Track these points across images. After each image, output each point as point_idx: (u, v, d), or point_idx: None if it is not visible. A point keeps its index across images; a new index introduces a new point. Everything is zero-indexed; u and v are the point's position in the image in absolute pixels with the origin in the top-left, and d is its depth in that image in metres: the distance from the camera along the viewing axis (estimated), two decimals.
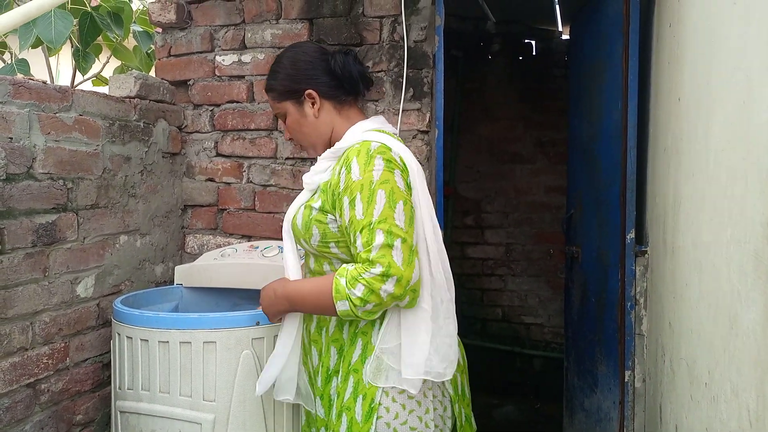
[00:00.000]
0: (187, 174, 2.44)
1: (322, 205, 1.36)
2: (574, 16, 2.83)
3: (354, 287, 1.23)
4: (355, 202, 1.28)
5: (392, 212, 1.26)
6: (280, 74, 1.46)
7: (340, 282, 1.26)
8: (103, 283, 2.01)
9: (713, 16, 1.18)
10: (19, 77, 1.86)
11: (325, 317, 1.41)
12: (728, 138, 1.04)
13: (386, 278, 1.21)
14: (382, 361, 1.31)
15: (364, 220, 1.26)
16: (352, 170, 1.30)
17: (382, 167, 1.28)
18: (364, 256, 1.24)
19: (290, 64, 1.46)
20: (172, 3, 2.40)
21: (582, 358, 2.58)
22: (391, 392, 1.31)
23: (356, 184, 1.28)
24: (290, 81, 1.45)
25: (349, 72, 1.44)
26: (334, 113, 1.45)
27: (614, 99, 2.17)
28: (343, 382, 1.35)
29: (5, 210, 1.65)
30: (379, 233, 1.23)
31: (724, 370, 1.05)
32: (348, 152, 1.35)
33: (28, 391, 1.73)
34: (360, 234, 1.26)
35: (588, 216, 2.52)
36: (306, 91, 1.43)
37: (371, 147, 1.31)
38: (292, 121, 1.47)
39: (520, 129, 3.94)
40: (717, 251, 1.10)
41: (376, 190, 1.26)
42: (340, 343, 1.39)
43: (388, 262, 1.22)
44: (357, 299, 1.23)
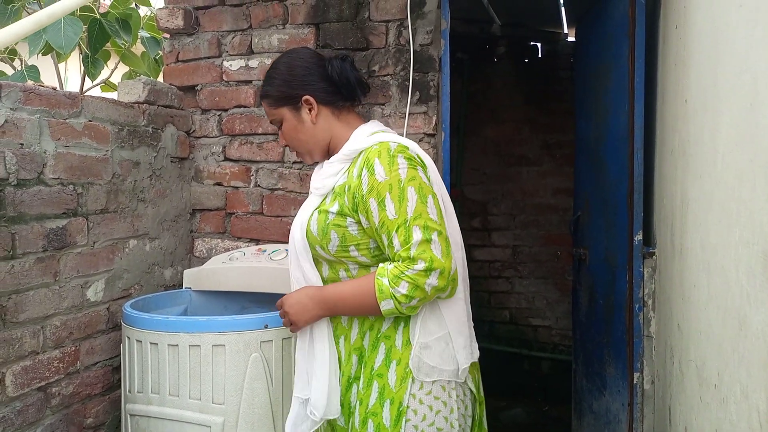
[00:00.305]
0: (195, 178, 2.46)
1: (340, 209, 1.34)
2: (580, 19, 2.83)
3: (398, 285, 1.25)
4: (385, 202, 1.28)
5: (425, 207, 1.28)
6: (276, 80, 1.44)
7: (382, 282, 1.26)
8: (112, 287, 2.02)
9: (719, 19, 1.18)
10: (30, 84, 1.88)
11: (342, 326, 1.39)
12: (735, 140, 1.04)
13: (430, 272, 1.24)
14: (421, 358, 1.32)
15: (398, 219, 1.27)
16: (375, 171, 1.30)
17: (405, 165, 1.30)
18: (404, 254, 1.26)
19: (286, 69, 1.44)
20: (179, 9, 2.42)
21: (590, 360, 2.57)
22: (418, 394, 1.31)
23: (383, 184, 1.28)
24: (287, 87, 1.42)
25: (346, 78, 1.43)
26: (332, 119, 1.44)
27: (621, 101, 2.17)
28: (366, 388, 1.34)
29: (16, 215, 1.67)
30: (416, 230, 1.25)
31: (733, 372, 1.05)
32: (367, 154, 1.33)
33: (39, 394, 1.75)
34: (396, 233, 1.27)
35: (595, 218, 2.52)
36: (303, 96, 1.41)
37: (391, 147, 1.32)
38: (289, 128, 1.45)
39: (527, 131, 3.94)
40: (725, 253, 1.10)
41: (405, 188, 1.28)
42: (361, 351, 1.37)
43: (430, 257, 1.24)
44: (402, 296, 1.25)
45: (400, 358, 1.32)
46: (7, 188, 1.64)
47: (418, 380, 1.31)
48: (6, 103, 1.64)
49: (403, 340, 1.33)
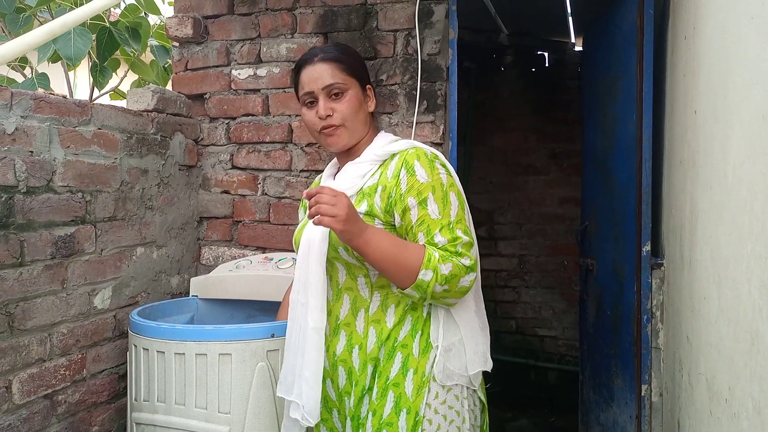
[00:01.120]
0: (203, 186, 2.47)
1: (369, 209, 1.34)
2: (587, 28, 2.83)
3: (444, 263, 1.26)
4: (428, 202, 1.30)
5: (464, 214, 1.34)
6: (354, 56, 1.47)
7: (433, 254, 1.27)
8: (119, 295, 2.03)
9: (730, 30, 1.18)
10: (40, 92, 1.90)
11: (358, 334, 1.36)
12: (747, 152, 1.03)
13: (470, 271, 1.29)
14: (444, 363, 1.34)
15: (442, 220, 1.30)
16: (417, 173, 1.32)
17: (444, 171, 1.35)
18: (452, 249, 1.28)
19: (361, 59, 1.51)
20: (189, 18, 2.44)
21: (597, 371, 2.55)
22: (433, 404, 1.31)
23: (425, 185, 1.31)
24: (363, 67, 1.48)
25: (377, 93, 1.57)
26: (371, 120, 1.49)
27: (629, 111, 2.16)
28: (380, 398, 1.32)
29: (25, 222, 1.67)
30: (459, 232, 1.30)
31: (745, 387, 1.04)
32: (405, 156, 1.36)
33: (45, 402, 1.75)
34: (440, 232, 1.29)
35: (603, 228, 2.51)
36: (369, 86, 1.47)
37: (427, 151, 1.37)
38: (353, 101, 1.40)
39: (533, 140, 3.94)
40: (737, 266, 1.09)
41: (448, 192, 1.32)
42: (376, 362, 1.35)
43: (473, 258, 1.29)
44: (442, 276, 1.25)
45: (417, 367, 1.32)
46: (16, 196, 1.65)
47: (435, 389, 1.32)
48: (17, 111, 1.65)
49: (420, 349, 1.33)
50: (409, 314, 1.36)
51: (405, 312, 1.35)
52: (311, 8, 2.32)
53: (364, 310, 1.37)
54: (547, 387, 3.89)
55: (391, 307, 1.36)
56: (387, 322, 1.35)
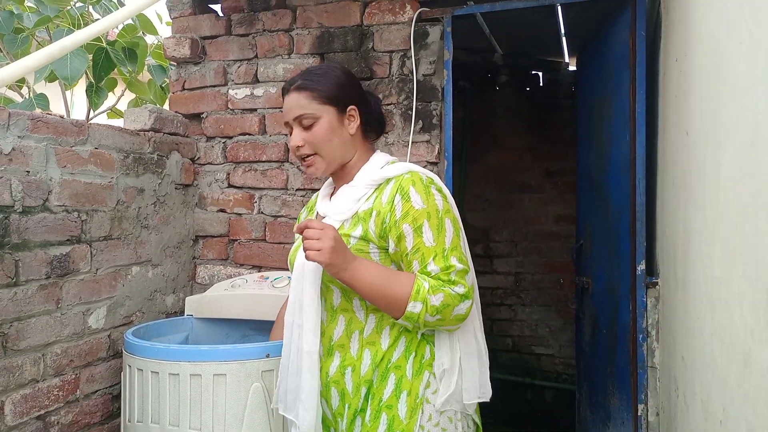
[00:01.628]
0: (199, 205, 2.47)
1: (363, 234, 1.33)
2: (581, 49, 2.86)
3: (435, 294, 1.25)
4: (422, 229, 1.29)
5: (459, 241, 1.32)
6: (331, 79, 1.41)
7: (423, 284, 1.26)
8: (114, 314, 2.02)
9: (720, 54, 1.20)
10: (37, 112, 1.91)
11: (351, 356, 1.36)
12: (738, 175, 1.05)
13: (464, 299, 1.27)
14: (438, 387, 1.33)
15: (436, 247, 1.29)
16: (412, 199, 1.31)
17: (440, 197, 1.34)
18: (445, 277, 1.27)
19: (344, 75, 1.44)
20: (186, 38, 2.46)
21: (594, 390, 2.55)
22: (426, 426, 1.31)
23: (421, 212, 1.30)
24: (339, 89, 1.41)
25: (379, 112, 1.50)
26: (361, 141, 1.46)
27: (622, 131, 2.18)
28: (374, 421, 1.32)
29: (20, 242, 1.67)
30: (454, 259, 1.29)
31: (739, 408, 1.04)
32: (400, 182, 1.34)
33: (38, 423, 1.74)
34: (433, 260, 1.28)
35: (598, 247, 2.52)
36: (352, 107, 1.42)
37: (422, 177, 1.35)
38: (326, 129, 1.38)
39: (528, 158, 3.96)
40: (729, 287, 1.10)
41: (444, 219, 1.31)
42: (369, 384, 1.35)
43: (468, 286, 1.28)
44: (433, 307, 1.25)
45: (411, 389, 1.31)
46: (12, 215, 1.65)
47: (428, 410, 1.31)
48: (14, 131, 1.66)
49: (413, 370, 1.33)
50: (403, 335, 1.35)
51: (399, 333, 1.35)
52: (308, 29, 2.34)
53: (358, 332, 1.36)
54: (544, 406, 3.87)
55: (386, 329, 1.35)
56: (382, 344, 1.35)
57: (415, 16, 2.19)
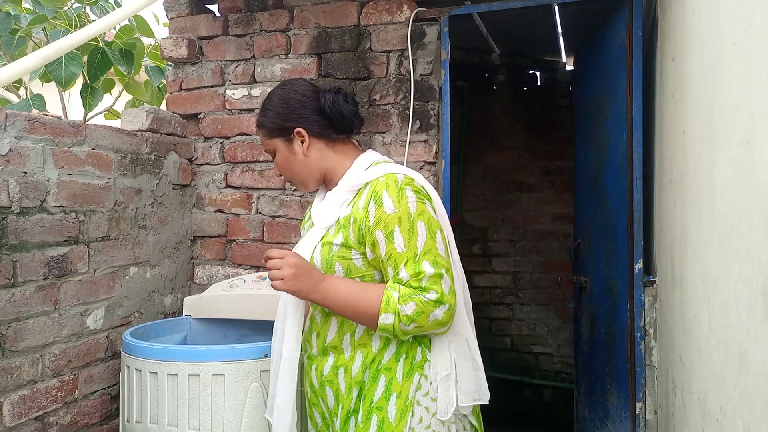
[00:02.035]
0: (196, 205, 2.47)
1: (344, 241, 1.34)
2: (578, 48, 2.87)
3: (406, 304, 1.24)
4: (394, 235, 1.28)
5: (434, 243, 1.28)
6: (270, 111, 1.45)
7: (392, 295, 1.26)
8: (112, 315, 2.02)
9: (715, 55, 1.20)
10: (35, 113, 1.90)
11: (344, 357, 1.37)
12: (733, 175, 1.05)
13: (439, 305, 1.25)
14: (428, 392, 1.32)
15: (407, 253, 1.27)
16: (384, 204, 1.29)
17: (414, 198, 1.30)
18: (415, 284, 1.26)
19: (280, 101, 1.44)
20: (183, 39, 2.46)
21: (592, 389, 2.55)
22: (417, 428, 1.30)
23: (392, 217, 1.28)
24: (279, 119, 1.42)
25: (339, 111, 1.42)
26: (327, 150, 1.44)
27: (619, 130, 2.19)
28: (365, 422, 1.32)
29: (18, 243, 1.67)
30: (426, 264, 1.26)
31: (735, 407, 1.05)
32: (374, 186, 1.33)
33: (36, 424, 1.74)
34: (404, 266, 1.27)
35: (596, 246, 2.52)
36: (295, 129, 1.41)
37: (398, 179, 1.31)
38: (282, 159, 1.45)
39: (526, 158, 3.96)
40: (725, 287, 1.10)
41: (415, 222, 1.28)
42: (361, 385, 1.35)
43: (440, 290, 1.25)
44: (405, 317, 1.24)
45: (401, 391, 1.31)
46: (9, 216, 1.65)
47: (419, 413, 1.30)
48: (11, 132, 1.65)
49: (404, 372, 1.32)
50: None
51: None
52: (305, 29, 2.35)
53: (350, 334, 1.37)
54: (542, 404, 3.87)
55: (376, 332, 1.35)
56: (373, 346, 1.35)
57: (412, 16, 2.19)
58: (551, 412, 3.77)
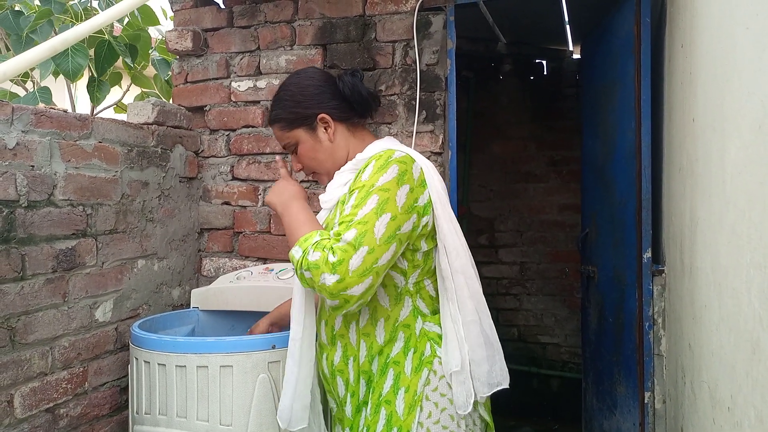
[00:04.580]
0: (203, 198, 2.47)
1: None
2: (585, 37, 2.84)
3: (315, 250, 1.21)
4: (351, 197, 1.27)
5: (375, 219, 1.21)
6: (287, 102, 1.41)
7: (313, 237, 1.24)
8: (121, 308, 2.03)
9: (726, 40, 1.18)
10: (41, 107, 1.90)
11: (352, 346, 1.37)
12: (744, 162, 1.04)
13: (333, 270, 1.18)
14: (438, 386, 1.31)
15: (347, 216, 1.24)
16: (365, 172, 1.28)
17: (392, 176, 1.25)
18: (329, 239, 1.23)
19: (298, 90, 1.41)
20: (188, 31, 2.45)
21: (600, 378, 2.55)
22: (426, 423, 1.28)
23: (361, 184, 1.27)
24: (300, 107, 1.40)
25: (358, 92, 1.40)
26: (348, 135, 1.42)
27: (627, 119, 2.17)
28: (374, 415, 1.31)
29: (26, 237, 1.68)
30: (352, 231, 1.20)
31: (747, 395, 1.04)
32: (370, 158, 1.32)
33: (47, 416, 1.75)
34: (338, 224, 1.25)
35: (603, 235, 2.51)
36: (319, 115, 1.38)
37: (393, 155, 1.29)
38: (307, 149, 1.41)
39: (533, 148, 3.95)
40: (736, 274, 1.09)
41: (371, 193, 1.24)
42: (369, 375, 1.35)
43: (341, 259, 1.18)
44: (306, 261, 1.21)
45: (409, 386, 1.30)
46: (17, 210, 1.65)
47: (427, 408, 1.29)
48: (18, 126, 1.66)
49: (412, 367, 1.32)
50: (400, 330, 1.34)
51: (396, 328, 1.34)
52: (310, 20, 2.33)
53: (355, 323, 1.37)
54: (549, 395, 3.88)
55: (380, 321, 1.35)
56: (377, 337, 1.34)
57: (417, 5, 2.18)
58: (558, 402, 3.78)
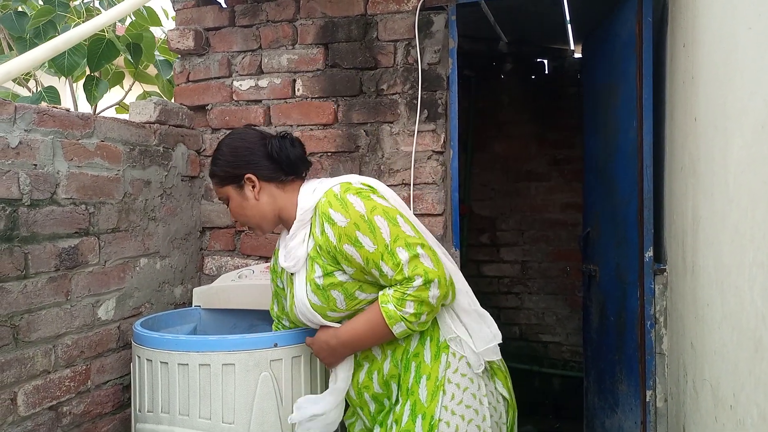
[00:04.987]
0: (205, 197, 2.47)
1: (324, 270, 1.39)
2: (586, 36, 2.84)
3: (404, 306, 1.29)
4: (360, 241, 1.32)
5: (398, 228, 1.33)
6: (220, 161, 1.53)
7: (389, 308, 1.31)
8: (123, 306, 2.03)
9: (728, 39, 1.18)
10: (43, 106, 1.90)
11: (378, 362, 1.44)
12: (747, 161, 1.04)
13: (429, 284, 1.29)
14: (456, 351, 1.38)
15: (379, 248, 1.31)
16: (335, 220, 1.34)
17: (358, 200, 1.35)
18: (399, 277, 1.30)
19: (229, 151, 1.52)
20: (190, 30, 2.45)
21: (602, 377, 2.55)
22: (450, 406, 1.34)
23: (349, 226, 1.33)
24: (230, 167, 1.50)
25: (286, 155, 1.50)
26: (278, 192, 1.50)
27: (629, 118, 2.17)
28: (401, 408, 1.38)
29: (29, 235, 1.68)
30: (400, 251, 1.30)
31: (750, 393, 1.04)
32: (320, 209, 1.38)
33: (50, 414, 1.75)
34: (383, 262, 1.31)
35: (605, 234, 2.51)
36: (246, 175, 1.49)
37: (335, 191, 1.37)
38: (235, 205, 1.53)
39: (534, 147, 3.95)
40: (739, 273, 1.10)
41: (372, 219, 1.33)
42: (397, 378, 1.42)
43: (424, 270, 1.29)
44: (411, 315, 1.30)
45: (430, 373, 1.36)
46: (20, 208, 1.65)
47: (450, 390, 1.34)
48: (20, 125, 1.66)
49: (431, 354, 1.38)
50: None
51: None
52: (312, 19, 2.33)
53: None
54: (551, 393, 3.88)
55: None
56: (399, 340, 1.41)
57: (419, 4, 2.18)
58: (560, 401, 3.78)
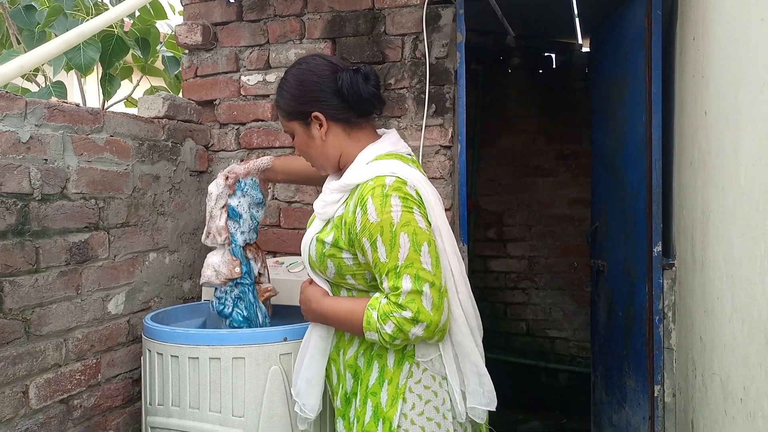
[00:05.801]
0: None
1: (335, 241, 1.33)
2: (595, 30, 2.83)
3: (385, 323, 1.25)
4: (377, 244, 1.25)
5: (418, 255, 1.23)
6: (286, 93, 1.40)
7: (372, 315, 1.27)
8: (133, 300, 2.04)
9: (740, 32, 1.18)
10: (54, 101, 1.92)
11: (344, 340, 1.42)
12: (759, 153, 1.03)
13: (415, 323, 1.23)
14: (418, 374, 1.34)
15: (389, 264, 1.24)
16: (368, 211, 1.25)
17: (400, 207, 1.24)
18: (393, 299, 1.25)
19: (296, 83, 1.38)
20: (198, 25, 2.46)
21: (609, 372, 2.55)
22: (409, 415, 1.31)
23: (375, 225, 1.24)
24: (296, 102, 1.38)
25: (357, 93, 1.34)
26: (343, 136, 1.38)
27: (638, 112, 2.16)
28: (362, 406, 1.36)
29: (40, 230, 1.69)
30: (406, 279, 1.23)
31: (761, 386, 1.04)
32: (362, 189, 1.29)
33: (61, 407, 1.77)
34: (386, 277, 1.26)
35: (613, 229, 2.51)
36: (312, 113, 1.36)
37: (386, 183, 1.26)
38: (300, 143, 1.43)
39: (542, 142, 3.94)
40: (750, 266, 1.09)
41: (398, 233, 1.23)
42: (355, 369, 1.40)
43: (417, 308, 1.22)
44: (386, 335, 1.26)
45: (392, 378, 1.33)
46: (31, 203, 1.67)
47: (411, 399, 1.32)
48: (31, 120, 1.67)
49: (395, 360, 1.34)
50: None
51: None
52: (319, 14, 2.33)
53: None
54: (558, 389, 3.88)
55: None
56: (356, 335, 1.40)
57: None
58: (567, 396, 3.78)
